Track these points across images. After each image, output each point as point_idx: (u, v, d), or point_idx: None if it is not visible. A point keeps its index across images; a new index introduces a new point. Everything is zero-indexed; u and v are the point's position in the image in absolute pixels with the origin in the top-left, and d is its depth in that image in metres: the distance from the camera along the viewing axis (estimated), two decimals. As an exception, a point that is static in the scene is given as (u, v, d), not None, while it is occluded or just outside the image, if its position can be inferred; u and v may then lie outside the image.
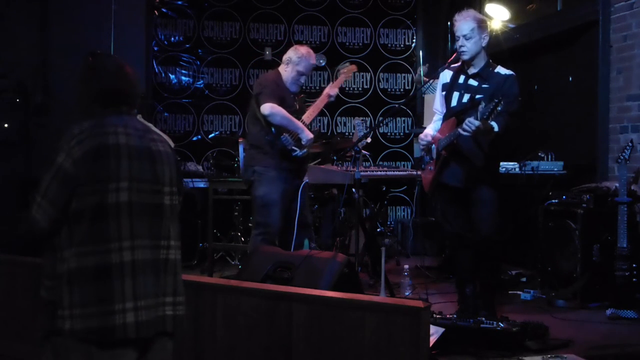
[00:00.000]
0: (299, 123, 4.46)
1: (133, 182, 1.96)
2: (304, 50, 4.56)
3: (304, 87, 5.24)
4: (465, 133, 3.68)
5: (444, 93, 4.13)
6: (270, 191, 4.44)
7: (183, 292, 2.08)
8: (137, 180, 1.97)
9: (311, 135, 4.49)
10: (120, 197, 1.93)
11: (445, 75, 4.13)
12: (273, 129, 4.43)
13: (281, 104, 4.42)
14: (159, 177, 2.04)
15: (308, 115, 4.56)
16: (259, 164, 4.49)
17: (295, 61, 4.51)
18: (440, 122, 4.16)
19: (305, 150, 4.50)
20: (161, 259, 2.01)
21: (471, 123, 3.61)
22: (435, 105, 4.25)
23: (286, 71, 4.55)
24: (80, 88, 2.09)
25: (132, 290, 1.91)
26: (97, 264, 1.89)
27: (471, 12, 4.00)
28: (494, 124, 3.70)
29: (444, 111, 4.14)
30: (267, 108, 4.37)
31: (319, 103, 4.67)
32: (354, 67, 4.97)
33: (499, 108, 3.52)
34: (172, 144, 6.02)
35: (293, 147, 4.44)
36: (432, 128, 4.20)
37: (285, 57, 4.60)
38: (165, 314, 2.00)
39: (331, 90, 4.72)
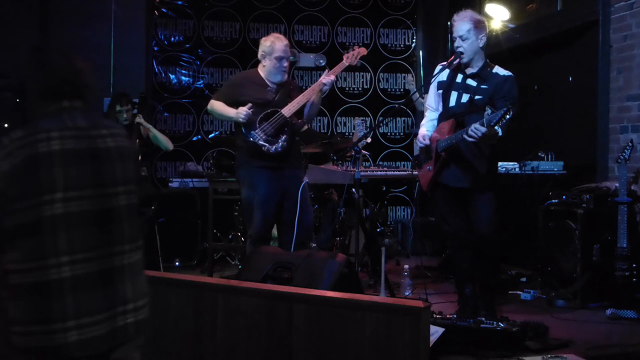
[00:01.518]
0: (229, 109, 4.36)
1: (70, 191, 1.79)
2: (269, 38, 4.51)
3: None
4: (470, 139, 3.66)
5: (440, 91, 4.12)
6: (247, 194, 4.43)
7: (145, 294, 1.97)
8: (75, 189, 1.80)
9: (243, 112, 4.26)
10: (55, 210, 1.77)
11: (443, 73, 4.11)
12: (243, 129, 4.38)
13: (238, 97, 4.38)
14: (107, 178, 1.88)
15: (288, 108, 4.35)
16: (239, 167, 4.52)
17: (268, 51, 4.45)
18: (436, 120, 4.15)
19: (276, 146, 4.31)
20: (116, 267, 1.88)
21: (478, 129, 3.59)
22: (429, 102, 4.23)
23: (265, 65, 4.48)
24: (26, 86, 1.95)
25: (75, 308, 1.78)
26: (34, 282, 1.76)
27: (468, 13, 3.98)
28: (498, 129, 3.69)
29: (439, 109, 4.13)
30: (208, 108, 4.53)
31: (307, 93, 4.41)
32: (362, 50, 4.59)
33: (508, 116, 3.49)
34: (172, 146, 5.98)
35: (261, 143, 4.31)
36: (427, 127, 4.18)
37: (259, 55, 4.54)
38: (127, 322, 1.88)
39: (325, 77, 4.39)
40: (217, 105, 4.46)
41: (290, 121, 4.36)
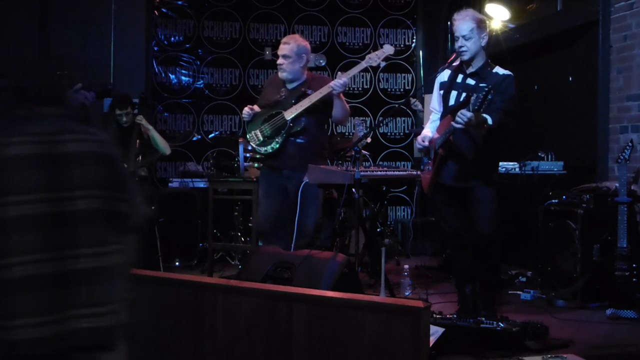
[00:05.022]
0: (244, 110, 4.60)
1: (23, 194, 1.84)
2: None
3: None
4: (458, 125, 3.66)
5: (441, 92, 4.12)
6: (258, 189, 4.82)
7: (107, 302, 1.93)
8: (28, 192, 1.84)
9: (244, 112, 4.53)
10: (9, 212, 1.82)
11: (444, 74, 4.12)
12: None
13: (261, 99, 4.68)
14: (63, 182, 1.88)
15: (291, 110, 4.40)
16: None
17: None
18: (438, 121, 4.16)
19: (267, 147, 4.44)
20: (69, 270, 1.87)
21: (463, 114, 3.60)
22: (432, 104, 4.24)
23: None
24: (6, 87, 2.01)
25: (24, 308, 1.81)
26: None
27: (470, 12, 3.99)
28: (487, 117, 3.69)
29: (442, 110, 4.14)
30: None
31: (314, 96, 4.37)
32: (388, 49, 4.35)
33: (490, 97, 3.51)
34: (169, 151, 6.04)
35: (252, 144, 4.57)
36: (429, 129, 4.19)
37: None
38: (79, 327, 1.86)
39: (336, 80, 4.31)
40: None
41: (288, 123, 4.41)
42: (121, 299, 1.97)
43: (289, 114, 4.40)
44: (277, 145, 4.42)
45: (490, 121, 3.71)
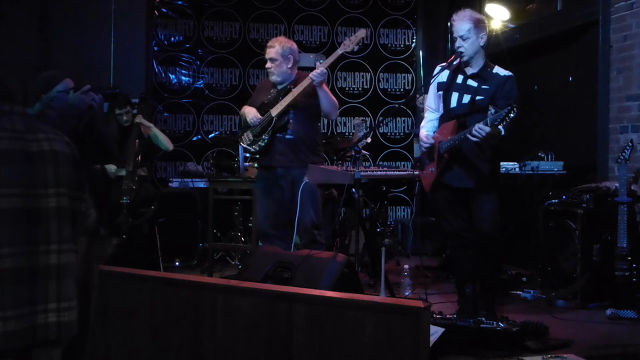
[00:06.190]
0: (243, 109, 4.64)
1: (2, 188, 1.88)
2: None
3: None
4: (474, 139, 3.66)
5: (440, 92, 4.11)
6: (254, 189, 4.86)
7: (72, 297, 2.01)
8: (6, 186, 1.89)
9: (251, 115, 4.52)
10: None
11: (442, 75, 4.09)
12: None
13: (253, 101, 4.70)
14: (38, 179, 1.94)
15: (276, 108, 4.45)
16: None
17: None
18: (436, 121, 4.15)
19: (255, 146, 4.51)
20: (40, 265, 1.93)
21: (482, 129, 3.59)
22: (429, 102, 4.22)
23: None
24: None
25: (1, 301, 1.84)
26: None
27: (468, 13, 3.98)
28: (501, 128, 3.68)
29: (440, 110, 4.13)
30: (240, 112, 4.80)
31: (296, 90, 4.40)
32: (360, 33, 4.38)
33: (512, 115, 3.50)
34: (172, 147, 6.07)
35: (245, 146, 4.62)
36: (427, 128, 4.18)
37: None
38: (47, 321, 1.92)
39: (315, 70, 4.31)
40: (243, 109, 4.69)
41: (274, 119, 4.45)
42: (74, 296, 2.03)
43: (275, 111, 4.45)
44: (264, 143, 4.45)
45: (503, 132, 3.71)
